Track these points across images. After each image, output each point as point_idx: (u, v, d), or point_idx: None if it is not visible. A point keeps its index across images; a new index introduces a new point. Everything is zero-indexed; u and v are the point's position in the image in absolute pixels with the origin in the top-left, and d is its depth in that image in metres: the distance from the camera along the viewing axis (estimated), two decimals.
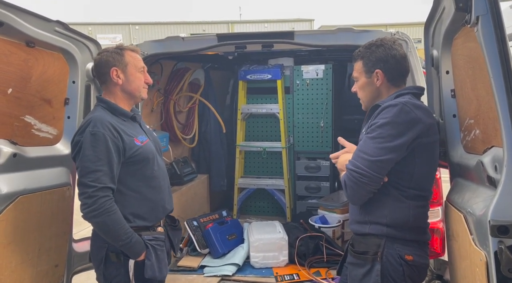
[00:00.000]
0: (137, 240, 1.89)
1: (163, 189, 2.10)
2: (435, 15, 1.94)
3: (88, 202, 1.80)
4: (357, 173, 1.67)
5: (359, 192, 1.70)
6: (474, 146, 1.76)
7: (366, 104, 1.94)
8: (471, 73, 1.72)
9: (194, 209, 3.67)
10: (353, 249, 1.82)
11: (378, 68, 1.83)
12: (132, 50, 2.04)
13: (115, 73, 1.97)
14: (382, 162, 1.66)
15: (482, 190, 1.56)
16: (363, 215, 1.80)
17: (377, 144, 1.67)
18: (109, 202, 1.82)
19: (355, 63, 1.92)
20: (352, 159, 1.72)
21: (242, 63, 3.96)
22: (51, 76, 2.25)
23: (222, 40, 2.63)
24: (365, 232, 1.79)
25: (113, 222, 1.82)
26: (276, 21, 31.45)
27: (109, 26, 30.36)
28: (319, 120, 3.89)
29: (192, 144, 3.99)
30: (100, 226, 1.85)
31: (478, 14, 1.33)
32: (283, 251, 3.03)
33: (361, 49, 1.89)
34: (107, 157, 1.83)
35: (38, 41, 2.09)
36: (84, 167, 1.83)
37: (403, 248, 1.72)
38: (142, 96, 2.08)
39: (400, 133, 1.66)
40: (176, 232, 2.26)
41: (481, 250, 1.41)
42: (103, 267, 1.93)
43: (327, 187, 3.93)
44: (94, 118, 1.88)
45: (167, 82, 3.52)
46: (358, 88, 1.94)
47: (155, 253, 1.96)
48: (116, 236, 1.84)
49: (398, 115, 1.66)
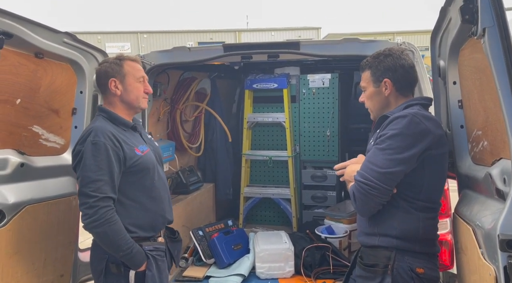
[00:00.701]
0: (138, 251, 1.89)
1: (164, 199, 2.09)
2: (442, 26, 1.93)
3: (89, 212, 1.79)
4: (366, 185, 1.65)
5: (369, 204, 1.69)
6: (482, 157, 1.74)
7: (374, 114, 1.93)
8: (478, 84, 1.71)
9: (200, 218, 3.66)
10: (362, 262, 1.79)
11: (387, 78, 1.82)
12: (132, 60, 2.04)
13: (113, 84, 1.98)
14: (392, 173, 1.65)
15: (490, 202, 1.54)
16: (371, 226, 1.78)
17: (386, 155, 1.65)
18: (110, 212, 1.82)
19: (363, 73, 1.91)
20: (361, 170, 1.71)
21: (248, 72, 3.98)
22: (59, 86, 2.28)
23: (228, 50, 2.65)
24: (374, 244, 1.76)
25: (114, 233, 1.82)
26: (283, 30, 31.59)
27: (118, 35, 30.73)
28: (325, 129, 3.87)
29: (198, 152, 3.99)
30: (101, 237, 1.84)
31: (484, 26, 1.33)
32: (289, 262, 3.01)
33: (369, 59, 1.89)
34: (108, 166, 1.83)
35: (47, 52, 2.12)
36: (85, 176, 1.83)
37: (413, 261, 1.70)
38: (141, 106, 2.07)
39: (410, 145, 1.64)
40: (176, 244, 2.24)
41: (490, 265, 1.38)
42: (103, 278, 1.92)
43: (333, 197, 3.90)
44: (95, 128, 1.88)
45: (173, 91, 3.54)
46: (366, 98, 1.92)
47: (155, 264, 1.95)
48: (117, 246, 1.83)
49: (408, 126, 1.65)
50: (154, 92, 3.02)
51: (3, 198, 1.92)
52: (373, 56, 1.88)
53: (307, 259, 3.02)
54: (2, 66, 1.88)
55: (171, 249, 2.18)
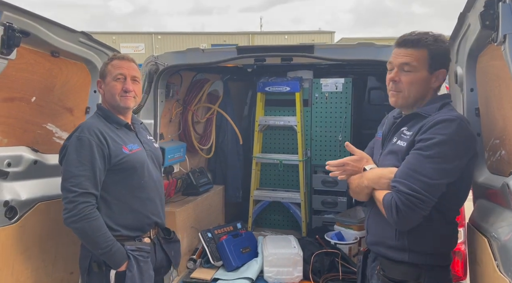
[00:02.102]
0: (118, 249, 1.86)
1: (152, 201, 2.05)
2: (460, 32, 1.89)
3: (68, 207, 1.80)
4: (414, 198, 1.47)
5: (413, 217, 1.51)
6: (499, 167, 1.69)
7: (408, 102, 1.65)
8: (497, 92, 1.67)
9: (209, 220, 3.66)
10: (386, 275, 1.66)
11: (444, 68, 1.62)
12: (119, 59, 2.03)
13: (99, 85, 2.05)
14: (440, 185, 1.49)
15: (508, 213, 1.49)
16: (401, 240, 1.62)
17: (435, 164, 1.47)
18: (89, 208, 1.81)
19: (415, 50, 1.59)
20: (403, 180, 1.50)
21: (261, 75, 3.97)
22: (74, 85, 2.30)
23: (241, 52, 2.64)
24: (402, 260, 1.63)
25: (93, 229, 1.81)
26: (296, 33, 31.56)
27: (133, 36, 31.08)
28: (337, 134, 3.84)
29: (209, 154, 3.99)
30: (79, 232, 1.83)
31: (505, 33, 1.29)
32: (297, 267, 2.98)
33: (429, 38, 1.59)
34: (90, 162, 1.83)
35: (63, 51, 2.15)
36: (67, 171, 1.84)
37: (440, 275, 1.64)
38: (121, 104, 2.00)
39: (460, 154, 1.49)
40: (172, 244, 2.20)
41: (506, 278, 1.34)
42: (86, 276, 1.93)
43: (344, 202, 3.86)
44: (83, 125, 1.93)
45: (186, 93, 3.55)
46: (409, 82, 1.61)
47: (137, 264, 1.92)
48: (96, 243, 1.82)
49: (458, 132, 1.47)
50: (166, 93, 3.04)
51: (16, 195, 1.94)
52: (434, 37, 1.59)
53: (316, 264, 2.99)
54: (18, 64, 1.90)
55: (167, 250, 2.15)
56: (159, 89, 2.88)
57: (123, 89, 1.99)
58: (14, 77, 1.91)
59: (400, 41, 1.65)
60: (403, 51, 1.62)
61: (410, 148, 1.58)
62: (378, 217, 1.68)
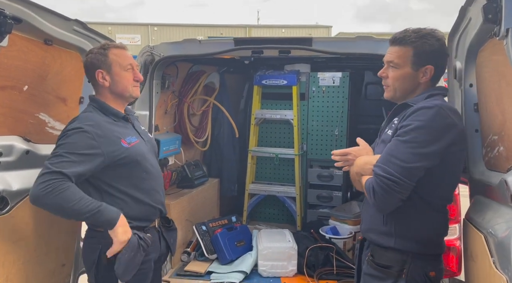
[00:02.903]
0: (105, 207, 1.78)
1: (156, 190, 2.05)
2: (460, 26, 1.87)
3: (36, 182, 1.71)
4: (389, 180, 1.54)
5: (390, 201, 1.57)
6: (497, 163, 1.69)
7: (396, 95, 1.75)
8: (497, 87, 1.65)
9: (204, 213, 3.64)
10: (374, 261, 1.72)
11: (431, 65, 1.66)
12: (117, 48, 1.96)
13: (100, 76, 1.93)
14: (416, 169, 1.54)
15: (505, 210, 1.49)
16: (388, 225, 1.69)
17: (410, 149, 1.54)
18: (58, 182, 1.69)
19: (400, 47, 1.67)
20: (381, 164, 1.58)
21: (258, 68, 3.93)
22: (67, 74, 2.26)
23: (239, 44, 2.60)
24: (389, 246, 1.69)
25: (66, 200, 1.70)
26: (293, 27, 31.42)
27: (129, 27, 30.80)
28: (334, 129, 3.82)
29: (205, 147, 3.97)
30: (53, 208, 1.74)
31: (508, 27, 1.28)
32: (292, 261, 2.97)
33: (411, 34, 1.66)
34: (82, 151, 1.76)
35: (56, 40, 2.10)
36: (53, 151, 1.79)
37: (427, 264, 1.66)
38: (133, 95, 1.99)
39: (435, 139, 1.53)
40: (171, 232, 2.21)
41: (503, 274, 1.34)
42: (95, 269, 1.88)
43: (339, 197, 3.86)
44: (80, 116, 1.88)
45: (182, 84, 3.50)
46: (394, 78, 1.71)
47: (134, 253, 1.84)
48: (77, 211, 1.72)
49: (434, 119, 1.53)
50: (162, 84, 3.00)
51: (7, 185, 1.90)
52: (417, 33, 1.65)
53: (310, 258, 2.98)
54: (10, 52, 1.85)
55: (167, 237, 2.15)
56: (155, 80, 2.84)
57: (134, 79, 1.98)
58: (5, 65, 1.86)
59: (390, 39, 1.75)
60: (390, 49, 1.73)
61: (394, 135, 1.64)
62: (369, 204, 1.74)
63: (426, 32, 1.66)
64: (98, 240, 1.88)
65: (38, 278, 2.11)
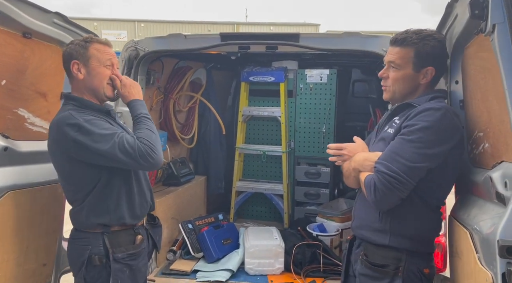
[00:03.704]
0: (138, 107, 1.93)
1: (146, 186, 2.04)
2: (447, 23, 1.87)
3: (122, 145, 1.71)
4: (392, 178, 1.53)
5: (390, 198, 1.57)
6: (482, 160, 1.69)
7: (395, 97, 1.75)
8: (482, 84, 1.65)
9: (190, 211, 3.60)
10: (368, 260, 1.71)
11: (432, 66, 1.67)
12: (101, 43, 1.89)
13: (75, 67, 1.84)
14: (419, 169, 1.54)
15: (490, 206, 1.49)
16: (383, 223, 1.68)
17: (415, 149, 1.53)
18: (125, 138, 1.74)
19: (401, 48, 1.67)
20: (384, 161, 1.57)
21: (245, 64, 3.90)
22: (48, 69, 2.19)
23: (225, 39, 2.57)
24: (383, 244, 1.68)
25: (152, 131, 1.82)
26: (281, 25, 31.40)
27: (115, 23, 30.32)
28: (321, 126, 3.82)
29: (191, 144, 3.92)
30: (148, 141, 1.77)
31: (494, 22, 1.27)
32: (279, 259, 2.96)
33: (413, 35, 1.66)
34: (110, 125, 1.80)
35: (35, 33, 2.03)
36: (98, 139, 1.72)
37: (421, 262, 1.66)
38: (106, 94, 1.92)
39: (441, 141, 1.54)
40: (157, 229, 2.19)
41: (488, 270, 1.34)
42: (84, 270, 1.84)
43: (326, 194, 3.86)
44: (70, 113, 1.76)
45: (167, 80, 3.45)
46: (394, 78, 1.71)
47: (129, 269, 1.88)
48: (154, 129, 1.86)
49: (441, 121, 1.54)
50: (147, 80, 2.94)
51: None
52: (421, 36, 1.65)
53: (297, 256, 2.98)
54: None
55: (153, 234, 2.12)
56: (139, 76, 2.78)
57: (111, 77, 1.91)
58: None
59: (391, 40, 1.74)
60: (392, 50, 1.72)
61: (396, 134, 1.64)
62: (364, 201, 1.73)
63: (427, 34, 1.67)
64: (88, 241, 1.84)
65: (17, 278, 2.05)
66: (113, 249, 1.85)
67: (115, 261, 1.84)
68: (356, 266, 1.80)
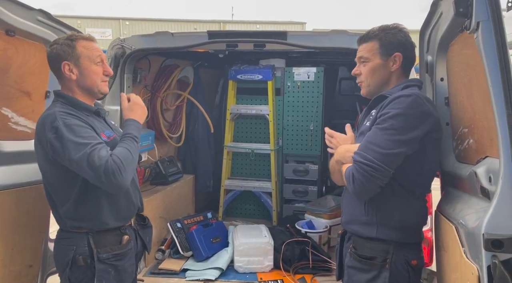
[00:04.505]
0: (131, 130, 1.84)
1: (134, 186, 1.99)
2: (432, 20, 1.90)
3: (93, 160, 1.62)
4: (368, 166, 1.56)
5: (369, 187, 1.59)
6: (467, 156, 1.72)
7: (371, 90, 1.80)
8: (467, 81, 1.68)
9: (179, 210, 3.58)
10: (356, 253, 1.73)
11: (398, 52, 1.73)
12: (86, 39, 1.85)
13: (67, 68, 1.80)
14: (394, 155, 1.57)
15: (474, 201, 1.52)
16: (370, 215, 1.70)
17: (389, 135, 1.57)
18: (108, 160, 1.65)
19: (367, 43, 1.77)
20: (360, 151, 1.60)
21: (233, 62, 3.89)
22: (32, 67, 2.15)
23: (213, 37, 2.56)
24: (371, 236, 1.70)
25: (126, 153, 1.72)
26: (268, 23, 31.43)
27: (99, 21, 29.88)
28: (309, 124, 3.84)
29: (179, 143, 3.90)
30: (125, 162, 1.69)
31: (478, 20, 1.29)
32: (268, 256, 2.97)
33: (376, 30, 1.77)
34: (91, 133, 1.73)
35: (19, 30, 1.99)
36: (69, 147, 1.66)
37: (409, 253, 1.69)
38: (101, 90, 1.90)
39: (413, 126, 1.57)
40: (147, 230, 2.16)
41: (473, 264, 1.37)
42: (68, 271, 1.81)
43: (314, 191, 3.88)
44: (54, 113, 1.73)
45: (154, 78, 3.42)
46: (366, 71, 1.78)
47: (114, 270, 1.85)
48: (135, 158, 1.79)
49: (412, 106, 1.57)
50: (134, 78, 2.91)
51: None
52: (382, 29, 1.76)
53: (286, 253, 2.99)
54: None
55: (142, 235, 2.09)
56: (126, 74, 2.75)
57: (104, 73, 1.88)
58: None
59: (357, 40, 1.85)
60: (359, 48, 1.82)
61: (373, 125, 1.68)
62: (350, 196, 1.77)
63: (387, 26, 1.77)
64: (73, 241, 1.82)
65: (2, 279, 2.01)
66: (98, 249, 1.82)
67: (99, 261, 1.81)
68: (346, 260, 1.83)
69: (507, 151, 1.24)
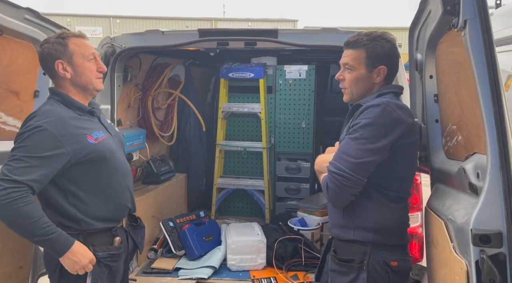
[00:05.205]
0: (59, 235, 1.68)
1: (125, 188, 1.97)
2: (420, 19, 1.92)
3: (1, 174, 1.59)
4: (339, 176, 1.60)
5: (342, 195, 1.64)
6: (455, 152, 1.74)
7: (353, 97, 1.81)
8: (455, 79, 1.70)
9: (171, 209, 3.57)
10: (336, 256, 1.76)
11: (384, 65, 1.74)
12: (77, 37, 1.84)
13: (61, 67, 1.79)
14: (365, 164, 1.61)
15: (463, 196, 1.54)
16: (346, 219, 1.74)
17: (360, 145, 1.61)
18: (18, 194, 1.58)
19: (354, 50, 1.76)
20: (333, 161, 1.65)
21: (224, 60, 3.88)
22: (20, 66, 2.12)
23: (203, 35, 2.55)
24: (349, 239, 1.73)
25: (21, 215, 1.60)
26: (259, 21, 31.37)
27: (89, 19, 29.57)
28: (301, 121, 3.85)
29: (171, 141, 3.88)
30: (6, 220, 1.62)
31: (466, 18, 1.31)
32: (261, 254, 2.98)
33: (363, 37, 1.74)
34: (44, 153, 1.64)
35: (6, 29, 1.96)
36: (11, 154, 1.64)
37: (388, 255, 1.69)
38: (97, 87, 1.89)
39: (383, 135, 1.60)
40: (139, 230, 2.15)
41: (462, 259, 1.39)
42: (58, 273, 1.79)
43: (307, 189, 3.90)
44: (40, 112, 1.72)
45: (145, 77, 3.40)
46: (350, 80, 1.78)
47: (108, 270, 1.85)
48: (29, 231, 1.64)
49: (381, 115, 1.60)
50: (124, 77, 2.89)
51: None
52: (369, 36, 1.74)
53: (279, 251, 3.00)
54: None
55: (134, 236, 2.08)
56: (116, 73, 2.73)
57: (98, 70, 1.86)
58: None
59: (344, 43, 1.82)
60: (345, 52, 1.81)
61: (347, 134, 1.71)
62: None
63: (377, 35, 1.75)
64: None
65: None
66: (95, 247, 1.82)
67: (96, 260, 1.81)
68: (328, 264, 1.86)
69: (494, 147, 1.26)
